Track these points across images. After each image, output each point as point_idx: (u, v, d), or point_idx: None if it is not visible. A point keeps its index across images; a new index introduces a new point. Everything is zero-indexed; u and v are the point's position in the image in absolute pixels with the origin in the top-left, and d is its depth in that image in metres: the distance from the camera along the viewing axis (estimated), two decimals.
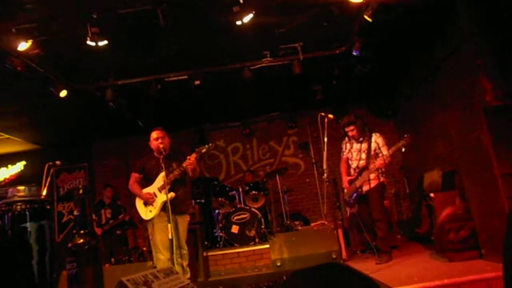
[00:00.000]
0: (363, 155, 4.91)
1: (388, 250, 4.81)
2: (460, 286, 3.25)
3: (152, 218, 4.38)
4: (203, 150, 4.31)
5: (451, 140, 5.55)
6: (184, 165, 4.27)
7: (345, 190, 5.12)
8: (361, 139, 4.96)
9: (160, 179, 4.36)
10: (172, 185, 4.28)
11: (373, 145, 4.87)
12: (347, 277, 1.79)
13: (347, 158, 5.09)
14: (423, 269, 4.01)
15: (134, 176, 4.59)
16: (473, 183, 4.22)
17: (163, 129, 4.59)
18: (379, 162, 4.68)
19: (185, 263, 4.32)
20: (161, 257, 4.22)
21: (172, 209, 4.10)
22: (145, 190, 4.48)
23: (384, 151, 4.79)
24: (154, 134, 4.51)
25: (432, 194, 5.27)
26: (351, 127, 4.94)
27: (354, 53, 5.57)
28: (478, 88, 4.92)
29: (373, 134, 4.94)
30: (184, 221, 4.46)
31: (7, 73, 4.89)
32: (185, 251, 4.35)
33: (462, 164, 4.64)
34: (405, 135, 4.59)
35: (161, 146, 4.38)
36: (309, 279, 1.82)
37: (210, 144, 4.47)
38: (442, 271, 3.71)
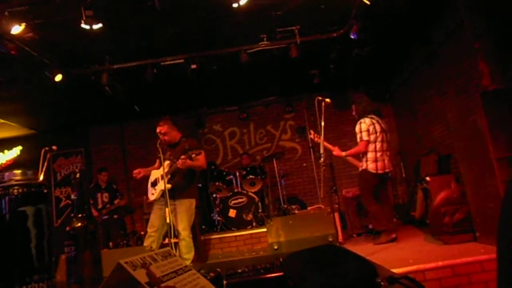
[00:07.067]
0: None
1: (381, 229, 4.84)
2: (454, 268, 3.30)
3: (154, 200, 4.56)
4: (193, 155, 4.24)
5: (448, 124, 5.56)
6: (176, 163, 4.31)
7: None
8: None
9: (164, 166, 4.42)
10: (172, 175, 4.41)
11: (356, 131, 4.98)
12: (343, 258, 1.81)
13: None
14: (418, 252, 4.06)
15: None
16: (469, 167, 4.25)
17: (167, 121, 4.61)
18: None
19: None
20: (148, 233, 4.45)
21: (171, 195, 4.19)
22: (155, 171, 4.65)
23: (358, 138, 4.88)
24: (157, 129, 4.58)
25: (428, 178, 5.30)
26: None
27: (352, 36, 5.51)
28: (475, 72, 4.90)
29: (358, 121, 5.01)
30: (181, 205, 4.46)
31: (1, 57, 4.83)
32: (181, 236, 4.37)
33: (458, 148, 4.67)
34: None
35: (165, 138, 4.51)
36: (305, 260, 1.84)
37: (202, 151, 4.39)
38: (437, 254, 3.76)
